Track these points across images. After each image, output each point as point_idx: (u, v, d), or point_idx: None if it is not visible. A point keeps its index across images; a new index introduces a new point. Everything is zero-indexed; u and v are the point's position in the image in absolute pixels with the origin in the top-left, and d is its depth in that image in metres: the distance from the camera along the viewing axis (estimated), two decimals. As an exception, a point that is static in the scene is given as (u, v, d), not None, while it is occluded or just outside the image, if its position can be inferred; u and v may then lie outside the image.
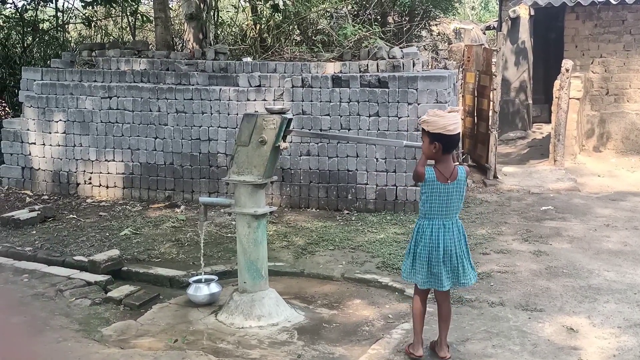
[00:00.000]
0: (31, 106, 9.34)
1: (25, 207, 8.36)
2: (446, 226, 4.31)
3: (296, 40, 11.24)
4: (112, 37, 14.13)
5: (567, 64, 10.90)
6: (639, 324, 4.90)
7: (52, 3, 13.41)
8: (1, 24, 13.64)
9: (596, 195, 9.20)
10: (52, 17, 14.34)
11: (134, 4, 12.44)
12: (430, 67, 9.72)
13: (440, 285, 4.33)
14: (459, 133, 4.34)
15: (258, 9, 11.79)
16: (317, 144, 8.36)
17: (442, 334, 4.41)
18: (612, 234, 7.25)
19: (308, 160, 8.41)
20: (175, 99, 8.77)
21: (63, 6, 14.49)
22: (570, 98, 11.02)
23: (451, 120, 4.23)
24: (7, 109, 12.92)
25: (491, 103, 10.10)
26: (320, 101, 8.34)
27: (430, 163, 4.38)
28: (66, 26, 14.47)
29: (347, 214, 8.18)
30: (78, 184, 9.20)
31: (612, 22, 12.51)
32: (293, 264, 6.32)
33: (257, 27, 11.14)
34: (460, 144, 10.87)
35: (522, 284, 5.73)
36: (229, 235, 7.22)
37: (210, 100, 8.66)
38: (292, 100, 8.38)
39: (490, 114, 10.11)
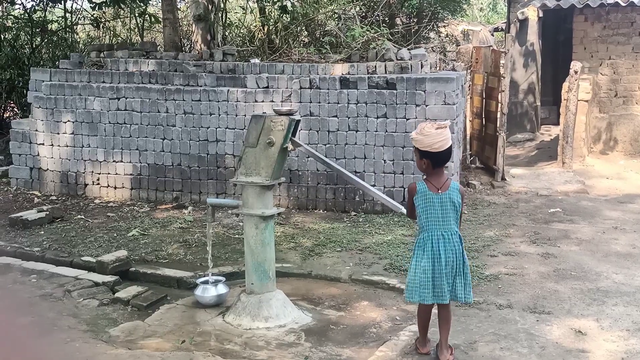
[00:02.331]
0: (40, 107, 9.37)
1: (33, 207, 8.38)
2: (445, 237, 4.29)
3: (304, 41, 11.24)
4: (120, 38, 14.18)
5: (575, 65, 10.86)
6: (648, 327, 4.87)
7: (61, 4, 13.46)
8: (10, 24, 13.71)
9: (604, 197, 9.17)
10: (60, 18, 14.40)
11: (142, 5, 12.46)
12: (438, 68, 9.71)
13: (442, 298, 4.31)
14: (450, 147, 4.31)
15: (266, 10, 11.80)
16: (325, 145, 8.35)
17: (443, 337, 4.39)
18: (620, 237, 7.22)
19: (315, 162, 8.41)
20: (183, 100, 8.78)
21: (72, 7, 14.55)
22: (578, 100, 10.98)
23: (437, 138, 4.22)
24: (15, 109, 12.99)
25: (499, 105, 10.07)
26: (328, 102, 8.33)
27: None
28: (75, 27, 14.52)
29: (355, 215, 8.17)
30: (86, 185, 9.22)
31: (621, 24, 12.47)
32: (300, 266, 6.32)
33: (265, 29, 11.15)
34: (467, 147, 10.87)
35: (530, 287, 5.71)
36: (237, 236, 7.22)
37: (218, 102, 8.67)
38: (300, 102, 8.38)
39: (499, 115, 10.09)
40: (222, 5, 11.28)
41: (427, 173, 4.39)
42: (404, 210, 4.95)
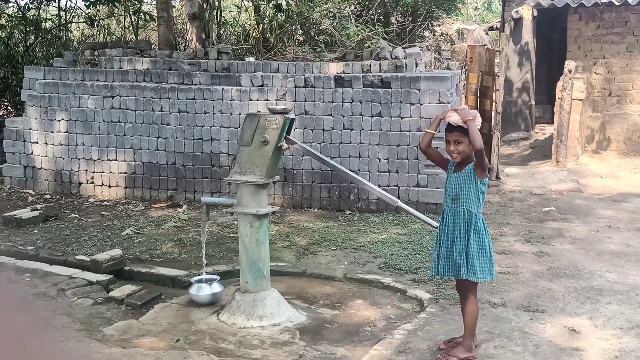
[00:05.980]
0: (33, 105, 9.34)
1: (27, 206, 8.36)
2: None
3: (299, 40, 11.23)
4: (114, 37, 14.13)
5: (569, 65, 10.89)
6: (641, 326, 4.89)
7: (55, 2, 13.42)
8: (4, 22, 13.66)
9: (598, 196, 9.19)
10: (54, 16, 14.35)
11: (136, 3, 12.43)
12: (433, 67, 9.70)
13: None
14: None
15: (261, 8, 11.79)
16: (320, 144, 8.35)
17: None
18: (614, 235, 7.24)
19: (310, 160, 8.41)
20: (178, 99, 8.77)
21: (66, 5, 14.47)
22: (572, 99, 11.00)
23: None
24: (9, 108, 12.94)
25: (494, 104, 10.08)
26: (323, 101, 8.34)
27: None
28: (69, 25, 14.47)
29: (349, 214, 8.17)
30: (80, 183, 9.20)
31: (615, 23, 12.49)
32: (295, 264, 6.32)
33: (260, 27, 11.14)
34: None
35: (524, 285, 5.73)
36: (231, 235, 7.22)
37: (213, 100, 8.66)
38: (295, 100, 8.38)
39: (493, 114, 10.10)
40: (216, 4, 11.26)
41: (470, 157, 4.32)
42: (401, 204, 5.04)
